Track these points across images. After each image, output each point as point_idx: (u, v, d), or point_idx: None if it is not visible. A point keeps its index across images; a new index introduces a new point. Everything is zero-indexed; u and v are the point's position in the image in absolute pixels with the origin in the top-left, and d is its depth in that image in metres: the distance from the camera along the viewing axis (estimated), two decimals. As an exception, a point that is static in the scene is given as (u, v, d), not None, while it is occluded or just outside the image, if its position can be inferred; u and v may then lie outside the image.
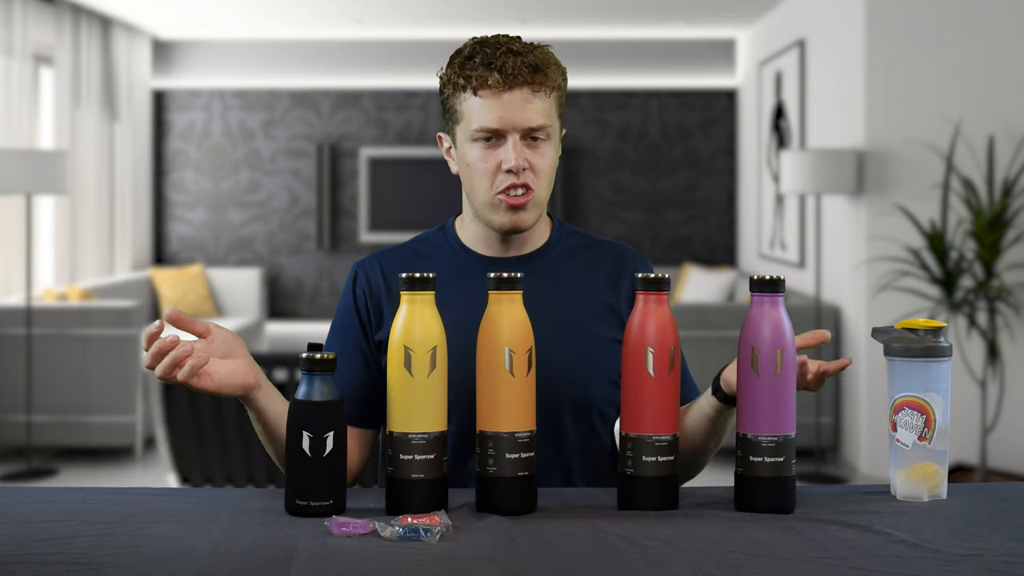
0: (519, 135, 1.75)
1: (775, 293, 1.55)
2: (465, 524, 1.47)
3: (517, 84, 1.74)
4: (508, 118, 1.74)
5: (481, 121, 1.75)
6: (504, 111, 1.74)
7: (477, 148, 1.77)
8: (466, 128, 1.78)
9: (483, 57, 1.74)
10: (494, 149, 1.76)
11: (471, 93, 1.75)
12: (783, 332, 1.55)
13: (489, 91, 1.74)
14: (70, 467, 5.77)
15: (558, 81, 1.78)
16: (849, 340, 5.78)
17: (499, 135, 1.76)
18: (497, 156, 1.76)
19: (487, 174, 1.77)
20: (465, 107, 1.77)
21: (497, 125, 1.74)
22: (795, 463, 1.56)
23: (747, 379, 1.56)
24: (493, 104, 1.74)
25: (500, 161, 1.76)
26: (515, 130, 1.75)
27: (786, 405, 1.55)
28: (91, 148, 7.60)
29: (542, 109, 1.76)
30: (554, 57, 1.79)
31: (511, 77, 1.73)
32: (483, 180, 1.78)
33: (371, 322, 1.86)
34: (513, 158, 1.74)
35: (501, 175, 1.76)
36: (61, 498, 1.60)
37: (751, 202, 8.20)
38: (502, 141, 1.76)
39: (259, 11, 7.76)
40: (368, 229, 8.79)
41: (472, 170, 1.78)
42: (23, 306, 5.84)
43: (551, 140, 1.79)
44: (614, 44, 8.76)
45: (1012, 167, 5.29)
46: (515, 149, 1.75)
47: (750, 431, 1.55)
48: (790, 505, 1.55)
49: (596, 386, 1.83)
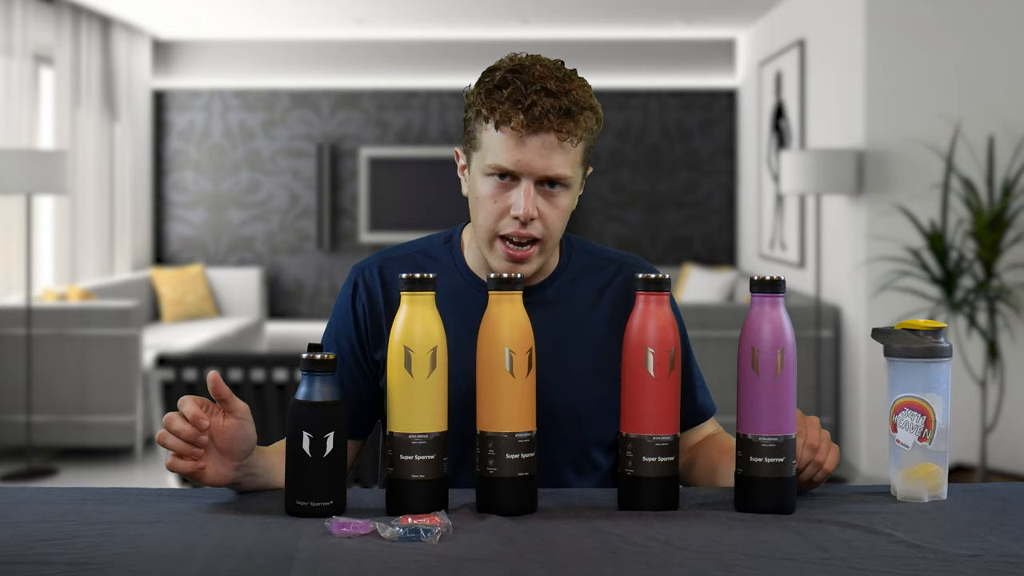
0: (534, 181, 1.65)
1: (775, 294, 1.55)
2: (465, 524, 1.47)
3: (543, 129, 1.62)
4: (526, 162, 1.63)
5: (496, 159, 1.65)
6: (523, 155, 1.63)
7: (488, 184, 1.67)
8: (481, 159, 1.68)
9: (514, 90, 1.62)
10: (505, 190, 1.66)
11: (493, 126, 1.64)
12: (783, 332, 1.55)
13: (511, 130, 1.62)
14: (70, 467, 5.77)
15: (590, 125, 1.66)
16: (849, 340, 5.78)
17: (514, 177, 1.66)
18: (507, 199, 1.66)
19: (493, 214, 1.67)
20: (484, 137, 1.66)
21: (512, 168, 1.64)
22: (795, 463, 1.56)
23: (747, 379, 1.56)
24: (513, 144, 1.63)
25: (509, 205, 1.66)
26: (531, 176, 1.64)
27: (786, 405, 1.55)
28: (91, 148, 7.60)
29: (565, 159, 1.64)
30: (592, 99, 1.66)
31: (537, 121, 1.61)
32: (488, 218, 1.68)
33: (369, 340, 1.80)
34: (523, 206, 1.64)
35: (507, 219, 1.67)
36: (61, 498, 1.59)
37: (751, 202, 8.20)
38: (515, 184, 1.66)
39: (259, 11, 7.75)
40: (368, 229, 8.79)
41: (479, 204, 1.69)
42: (23, 306, 5.84)
43: (570, 189, 1.69)
44: (614, 44, 8.76)
45: (1012, 167, 5.29)
46: (527, 197, 1.64)
47: (750, 431, 1.55)
48: (790, 505, 1.55)
49: (598, 424, 1.78)
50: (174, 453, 1.56)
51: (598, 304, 1.82)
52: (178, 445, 1.55)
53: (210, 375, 1.55)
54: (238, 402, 1.58)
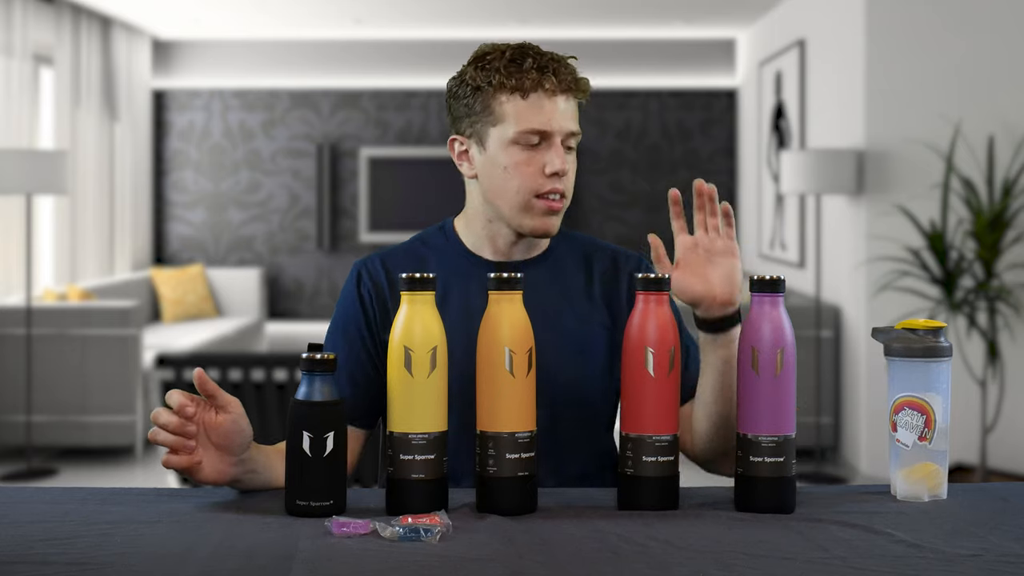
0: (561, 139, 1.78)
1: (775, 293, 1.56)
2: (465, 524, 1.47)
3: (565, 90, 1.77)
4: (559, 122, 1.77)
5: (530, 123, 1.76)
6: (555, 115, 1.76)
7: (516, 152, 1.77)
8: (504, 131, 1.77)
9: (534, 60, 1.77)
10: (537, 152, 1.77)
11: (518, 96, 1.76)
12: (783, 332, 1.55)
13: (545, 93, 1.76)
14: (70, 467, 5.77)
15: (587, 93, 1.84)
16: (849, 340, 5.78)
17: (546, 137, 1.77)
18: (540, 159, 1.77)
19: (529, 176, 1.77)
20: (507, 108, 1.77)
21: (547, 128, 1.76)
22: (795, 463, 1.56)
23: (747, 379, 1.56)
24: (546, 107, 1.76)
25: (544, 164, 1.77)
26: (561, 133, 1.77)
27: (786, 405, 1.55)
28: (91, 148, 7.60)
29: (577, 118, 1.80)
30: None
31: (563, 82, 1.76)
32: (525, 182, 1.78)
33: (377, 321, 1.85)
34: (560, 162, 1.76)
35: (542, 178, 1.77)
36: (61, 498, 1.60)
37: (751, 202, 8.20)
38: (546, 145, 1.77)
39: (259, 11, 7.76)
40: (368, 229, 8.79)
41: (509, 172, 1.78)
42: (23, 306, 5.84)
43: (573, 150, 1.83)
44: (614, 44, 8.76)
45: (1012, 167, 5.29)
46: (561, 154, 1.77)
47: (750, 431, 1.55)
48: (790, 505, 1.55)
49: (594, 385, 1.84)
50: (168, 449, 1.57)
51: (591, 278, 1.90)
52: (169, 439, 1.56)
53: (195, 372, 1.57)
54: (227, 396, 1.59)
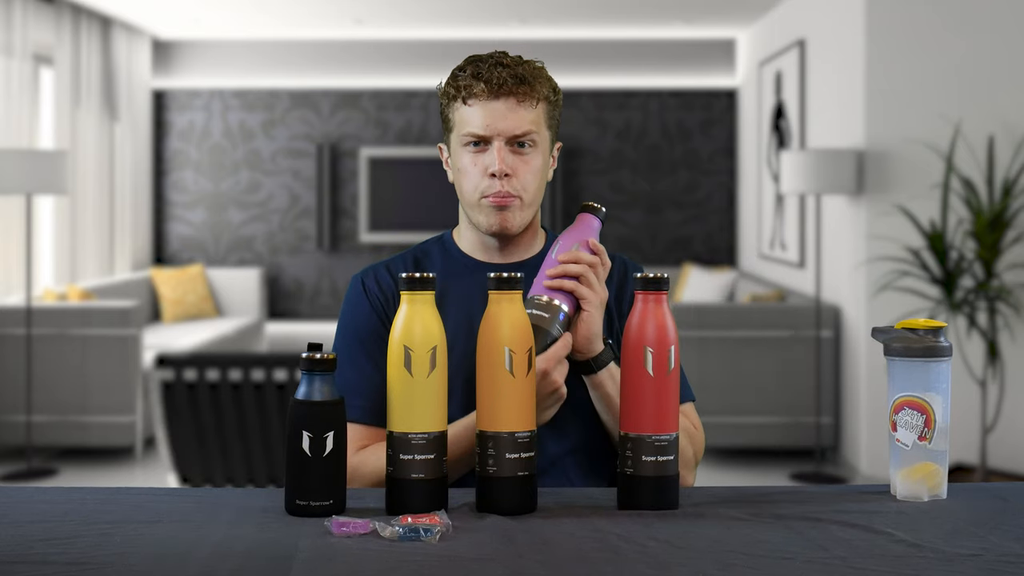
0: (503, 141, 1.83)
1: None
2: (465, 524, 1.47)
3: (503, 94, 1.83)
4: (492, 125, 1.83)
5: (469, 128, 1.84)
6: (490, 118, 1.83)
7: (467, 153, 1.86)
8: (457, 134, 1.87)
9: (473, 69, 1.84)
10: (481, 154, 1.85)
11: (461, 102, 1.85)
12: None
13: (476, 99, 1.83)
14: (70, 467, 5.77)
15: (545, 93, 1.86)
16: (849, 340, 5.78)
17: (485, 141, 1.84)
18: (483, 161, 1.85)
19: (474, 177, 1.85)
20: (457, 115, 1.87)
21: (483, 131, 1.83)
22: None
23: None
24: (479, 111, 1.83)
25: (487, 166, 1.84)
26: (499, 136, 1.83)
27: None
28: (91, 148, 7.60)
29: (528, 117, 1.84)
30: (545, 72, 1.88)
31: (496, 87, 1.82)
32: (471, 183, 1.86)
33: (388, 318, 1.88)
34: (496, 162, 1.82)
35: (486, 179, 1.84)
36: (61, 498, 1.59)
37: (751, 202, 8.20)
38: (488, 147, 1.84)
39: (259, 11, 7.76)
40: (368, 229, 8.79)
41: (462, 175, 1.87)
42: (23, 306, 5.84)
43: (538, 148, 1.86)
44: (614, 44, 8.76)
45: (1012, 167, 5.30)
46: (499, 154, 1.83)
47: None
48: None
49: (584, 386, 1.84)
50: None
51: None
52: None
53: None
54: None
